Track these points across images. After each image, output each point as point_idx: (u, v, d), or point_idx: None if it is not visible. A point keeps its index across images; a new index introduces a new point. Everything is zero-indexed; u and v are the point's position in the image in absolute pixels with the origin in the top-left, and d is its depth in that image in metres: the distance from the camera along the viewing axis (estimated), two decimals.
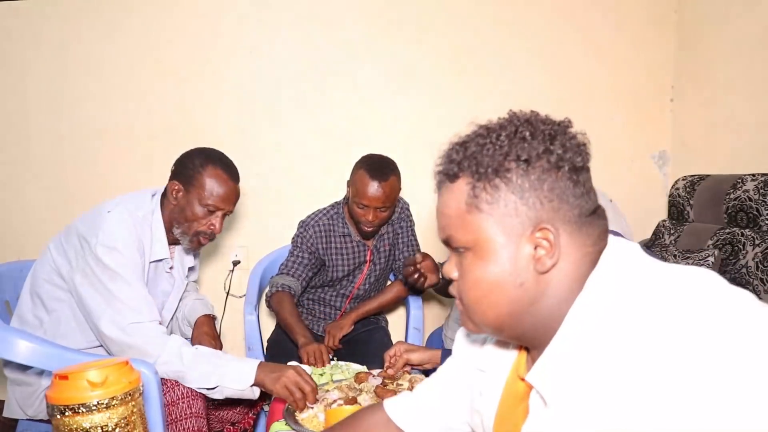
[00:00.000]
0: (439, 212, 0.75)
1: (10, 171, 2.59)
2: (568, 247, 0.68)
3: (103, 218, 1.53)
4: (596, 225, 0.70)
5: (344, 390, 1.47)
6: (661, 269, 0.64)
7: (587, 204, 0.70)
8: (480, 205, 0.70)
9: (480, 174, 0.69)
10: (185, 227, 1.64)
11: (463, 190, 0.71)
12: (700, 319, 0.56)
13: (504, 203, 0.68)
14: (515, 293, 0.70)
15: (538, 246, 0.68)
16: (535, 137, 0.68)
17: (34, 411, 1.59)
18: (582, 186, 0.69)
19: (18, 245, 2.56)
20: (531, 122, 0.70)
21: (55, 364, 1.46)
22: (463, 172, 0.71)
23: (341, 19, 2.53)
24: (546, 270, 0.68)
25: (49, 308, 1.59)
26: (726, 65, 2.24)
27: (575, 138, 0.70)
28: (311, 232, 2.10)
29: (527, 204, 0.68)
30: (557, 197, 0.68)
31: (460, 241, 0.72)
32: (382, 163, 1.97)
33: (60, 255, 1.58)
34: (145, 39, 2.52)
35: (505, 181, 0.68)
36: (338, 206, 2.16)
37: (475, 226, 0.70)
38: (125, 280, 1.49)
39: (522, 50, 2.53)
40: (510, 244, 0.69)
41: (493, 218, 0.69)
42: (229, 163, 1.68)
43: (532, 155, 0.67)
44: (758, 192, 1.79)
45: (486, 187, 0.69)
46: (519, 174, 0.68)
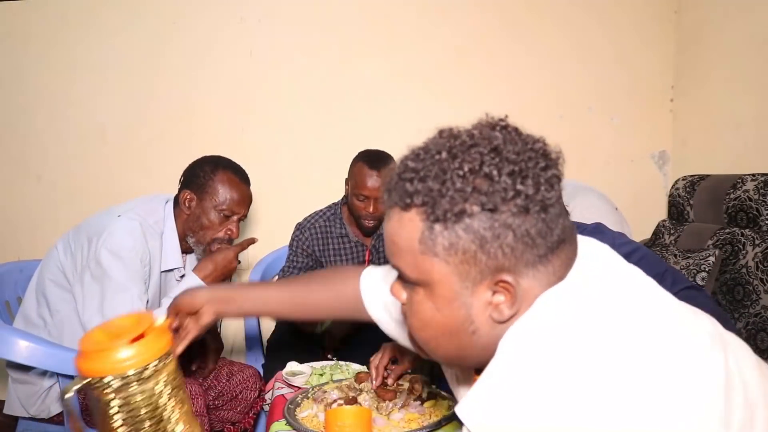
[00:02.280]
0: (388, 239, 0.68)
1: (10, 171, 2.59)
2: (529, 291, 0.62)
3: (112, 222, 1.53)
4: (564, 256, 0.64)
5: (344, 390, 1.47)
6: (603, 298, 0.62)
7: (554, 237, 0.62)
8: (435, 248, 0.62)
9: (437, 216, 0.61)
10: (200, 236, 1.63)
11: (417, 226, 0.63)
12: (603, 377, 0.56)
13: (462, 251, 0.61)
14: (466, 340, 0.65)
15: (496, 293, 0.62)
16: (502, 173, 0.60)
17: (36, 410, 1.59)
18: (551, 221, 0.61)
19: (18, 245, 2.56)
20: (498, 151, 0.61)
21: (55, 364, 1.46)
22: (417, 207, 0.63)
23: (341, 20, 2.53)
24: (504, 320, 0.63)
25: (53, 309, 1.59)
26: (726, 65, 2.24)
27: (548, 167, 0.62)
28: (307, 235, 2.09)
29: (488, 254, 0.60)
30: (522, 243, 0.60)
31: (411, 276, 0.66)
32: (380, 155, 2.00)
33: (67, 255, 1.58)
34: (146, 40, 2.52)
35: (464, 228, 0.60)
36: (336, 207, 2.16)
37: (428, 269, 0.63)
38: (119, 286, 1.48)
39: (522, 50, 2.53)
40: (465, 291, 0.63)
41: (448, 266, 0.62)
42: (239, 167, 1.68)
43: (498, 203, 0.59)
44: (758, 192, 1.79)
45: (443, 231, 0.61)
46: (481, 220, 0.60)
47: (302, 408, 1.42)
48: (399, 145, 2.28)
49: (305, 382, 1.65)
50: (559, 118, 2.48)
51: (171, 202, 1.67)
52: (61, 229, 1.69)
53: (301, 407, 1.43)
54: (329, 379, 1.65)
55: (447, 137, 0.65)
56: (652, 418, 0.54)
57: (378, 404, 1.39)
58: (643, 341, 0.58)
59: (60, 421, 1.58)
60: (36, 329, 1.59)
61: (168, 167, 2.48)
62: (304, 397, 1.49)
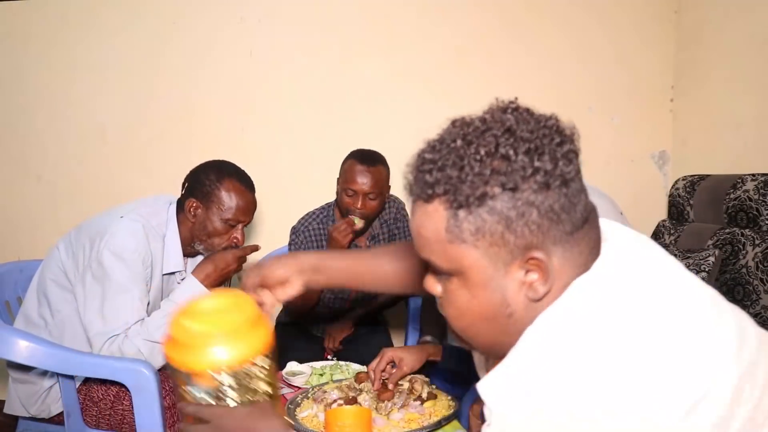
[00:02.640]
0: (415, 233, 0.68)
1: (10, 171, 2.59)
2: (561, 270, 0.63)
3: (115, 222, 1.52)
4: (588, 238, 0.65)
5: (344, 390, 1.47)
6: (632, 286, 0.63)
7: (578, 214, 0.63)
8: (463, 235, 0.63)
9: (460, 203, 0.62)
10: (209, 244, 1.63)
11: (441, 216, 0.64)
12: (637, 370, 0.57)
13: (490, 234, 0.62)
14: (504, 323, 0.66)
15: (529, 271, 0.63)
16: (518, 153, 0.61)
17: (37, 409, 1.59)
18: (573, 197, 0.62)
19: (18, 245, 2.56)
20: (512, 132, 0.62)
21: (55, 364, 1.46)
22: (439, 197, 0.64)
23: (341, 20, 2.53)
24: (539, 298, 0.63)
25: (54, 309, 1.58)
26: (726, 65, 2.24)
27: (563, 142, 0.63)
28: (302, 238, 2.09)
29: (515, 233, 0.61)
30: (547, 219, 0.61)
31: (443, 268, 0.67)
32: (370, 152, 2.01)
33: (68, 256, 1.57)
34: (146, 40, 2.52)
35: (488, 210, 0.61)
36: (329, 208, 2.15)
37: (459, 256, 0.64)
38: (120, 288, 1.47)
39: (522, 50, 2.53)
40: (497, 273, 0.63)
41: (478, 250, 0.63)
42: (244, 174, 1.67)
43: (518, 181, 0.60)
44: (758, 192, 1.79)
45: (468, 217, 0.62)
46: (504, 201, 0.60)
47: (302, 408, 1.42)
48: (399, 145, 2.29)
49: (305, 382, 1.65)
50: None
51: (174, 205, 1.66)
52: (62, 229, 1.69)
53: (301, 407, 1.43)
54: (329, 379, 1.65)
55: (460, 125, 0.66)
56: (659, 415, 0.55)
57: (378, 404, 1.39)
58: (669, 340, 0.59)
59: (60, 421, 1.58)
60: (37, 329, 1.59)
61: (168, 167, 2.49)
62: (304, 397, 1.49)
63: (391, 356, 1.49)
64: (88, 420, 1.58)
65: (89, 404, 1.57)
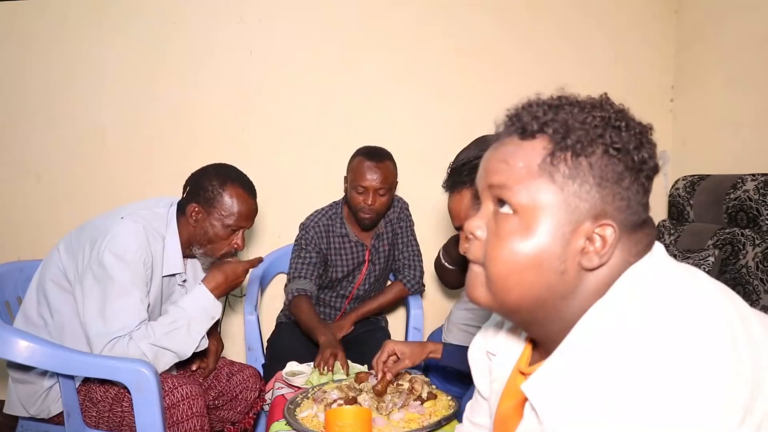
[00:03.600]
0: (498, 160, 0.68)
1: (10, 171, 2.59)
2: (618, 253, 0.64)
3: (116, 224, 1.53)
4: (645, 237, 0.67)
5: (344, 390, 1.47)
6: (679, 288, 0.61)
7: (645, 214, 0.67)
8: (555, 174, 0.64)
9: (566, 144, 0.63)
10: (208, 249, 1.64)
11: (537, 152, 0.65)
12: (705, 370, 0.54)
13: (580, 183, 0.63)
14: (553, 279, 0.64)
15: (591, 240, 0.63)
16: (629, 131, 0.65)
17: (36, 410, 1.59)
18: (646, 194, 0.66)
19: (18, 245, 2.56)
20: (624, 115, 0.67)
21: (55, 364, 1.46)
22: (544, 134, 0.65)
23: (341, 20, 2.53)
24: (592, 268, 0.64)
25: (53, 309, 1.59)
26: (726, 65, 2.24)
27: (654, 147, 0.67)
28: (312, 233, 2.11)
29: (601, 193, 0.63)
30: (627, 198, 0.64)
31: (514, 198, 0.65)
32: (378, 149, 2.04)
33: (69, 257, 1.57)
34: (146, 40, 2.52)
35: (589, 162, 0.63)
36: (337, 206, 2.17)
37: (541, 193, 0.64)
38: (121, 289, 1.47)
39: (522, 50, 2.53)
40: (567, 226, 0.63)
41: (562, 194, 0.63)
42: (246, 179, 1.68)
43: (625, 148, 0.64)
44: (758, 192, 1.78)
45: (567, 159, 0.63)
46: (605, 161, 0.63)
47: (302, 408, 1.42)
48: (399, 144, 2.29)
49: (305, 382, 1.65)
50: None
51: (174, 207, 1.66)
52: (61, 229, 1.69)
53: (301, 407, 1.43)
54: (329, 379, 1.65)
55: (570, 95, 0.71)
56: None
57: (378, 404, 1.39)
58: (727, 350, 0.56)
59: (60, 421, 1.58)
60: (36, 329, 1.59)
61: (168, 167, 2.49)
62: (304, 397, 1.49)
63: (392, 349, 1.50)
64: (88, 420, 1.58)
65: (89, 404, 1.57)
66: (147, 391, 1.42)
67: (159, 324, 1.52)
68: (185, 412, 1.48)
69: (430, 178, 2.11)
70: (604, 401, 0.56)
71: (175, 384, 1.50)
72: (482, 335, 0.91)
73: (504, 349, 0.82)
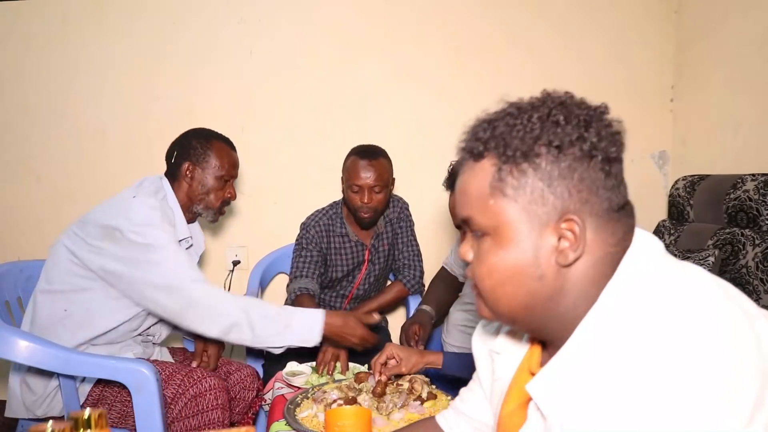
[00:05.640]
0: (460, 191, 0.72)
1: (10, 171, 2.59)
2: (592, 242, 0.65)
3: (130, 204, 1.59)
4: (623, 222, 0.67)
5: (344, 390, 1.47)
6: (680, 285, 0.61)
7: (617, 198, 0.66)
8: (505, 189, 0.66)
9: (507, 157, 0.65)
10: (208, 201, 1.76)
11: (487, 172, 0.67)
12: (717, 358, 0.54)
13: (531, 190, 0.65)
14: (533, 286, 0.66)
15: (562, 237, 0.65)
16: (569, 122, 0.65)
17: (44, 411, 1.60)
18: (613, 178, 0.66)
19: (18, 245, 2.56)
20: (565, 105, 0.67)
21: (55, 364, 1.46)
22: (488, 152, 0.67)
23: (341, 20, 2.53)
24: (568, 263, 0.65)
25: (73, 301, 1.60)
26: (726, 65, 2.24)
27: (611, 126, 0.67)
28: (313, 233, 2.11)
29: (555, 193, 0.64)
30: (587, 188, 0.64)
31: (479, 225, 0.69)
32: (371, 147, 2.05)
33: (81, 249, 1.58)
34: (146, 40, 2.52)
35: (533, 167, 0.64)
36: (336, 206, 2.17)
37: (498, 211, 0.66)
38: (167, 249, 1.54)
39: (521, 50, 2.53)
40: (532, 233, 0.65)
41: (517, 204, 0.65)
42: (225, 136, 1.84)
43: (565, 141, 0.64)
44: (758, 192, 1.78)
45: (513, 171, 0.65)
46: (549, 160, 0.64)
47: (302, 408, 1.42)
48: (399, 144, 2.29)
49: (305, 382, 1.65)
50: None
51: (165, 180, 1.76)
52: (62, 229, 1.69)
53: (301, 407, 1.43)
54: (329, 379, 1.65)
55: (516, 101, 0.71)
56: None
57: (378, 404, 1.39)
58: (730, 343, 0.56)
59: (61, 420, 1.58)
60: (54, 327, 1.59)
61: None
62: (304, 397, 1.49)
63: (391, 352, 1.52)
64: None
65: (91, 404, 1.57)
66: (147, 391, 1.42)
67: (263, 304, 1.60)
68: (211, 402, 1.52)
69: (430, 178, 2.12)
70: (608, 401, 0.56)
71: (202, 375, 1.55)
72: (481, 333, 0.91)
73: (507, 349, 0.83)
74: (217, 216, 1.82)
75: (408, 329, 1.85)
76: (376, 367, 1.50)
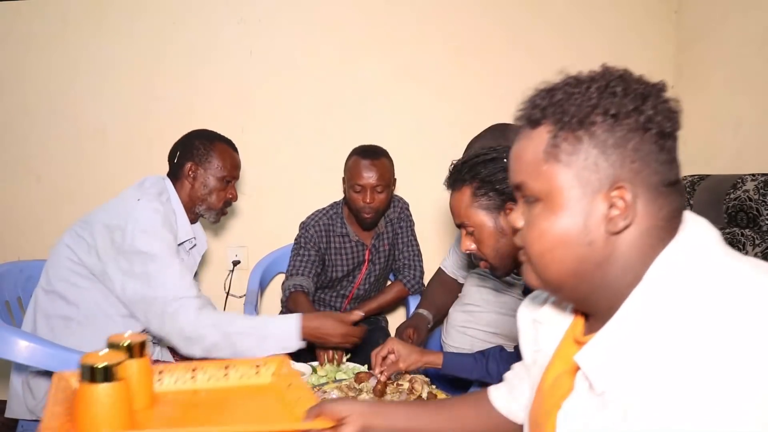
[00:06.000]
0: (514, 157, 0.74)
1: (10, 171, 2.59)
2: (642, 213, 0.66)
3: (133, 206, 1.59)
4: (673, 199, 0.68)
5: (344, 390, 1.47)
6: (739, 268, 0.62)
7: (669, 173, 0.67)
8: (559, 155, 0.67)
9: (564, 123, 0.67)
10: (210, 202, 1.76)
11: (543, 138, 0.69)
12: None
13: (585, 156, 0.66)
14: (582, 251, 0.67)
15: (612, 206, 0.66)
16: (627, 94, 0.66)
17: None
18: (667, 153, 0.67)
19: (18, 245, 2.56)
20: (624, 78, 0.68)
21: (55, 364, 1.46)
22: (546, 119, 0.69)
23: (341, 20, 2.53)
24: (618, 231, 0.66)
25: (75, 304, 1.60)
26: (726, 65, 2.24)
27: (667, 102, 0.67)
28: (312, 232, 2.11)
29: (608, 160, 0.65)
30: (640, 159, 0.65)
31: (532, 190, 0.70)
32: (373, 147, 2.06)
33: (81, 249, 1.59)
34: (146, 40, 2.52)
35: (588, 134, 0.66)
36: (337, 206, 2.17)
37: (551, 177, 0.68)
38: (162, 262, 1.53)
39: (521, 50, 2.53)
40: (584, 199, 0.67)
41: (571, 170, 0.67)
42: (227, 138, 1.85)
43: (621, 111, 0.65)
44: (758, 192, 1.78)
45: (568, 137, 0.67)
46: (604, 129, 0.66)
47: None
48: (399, 144, 2.29)
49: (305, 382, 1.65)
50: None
51: (168, 180, 1.77)
52: (62, 229, 1.69)
53: None
54: (329, 379, 1.65)
55: (573, 74, 0.72)
56: None
57: None
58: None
59: None
60: (58, 329, 1.59)
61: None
62: None
63: (392, 348, 1.51)
64: None
65: None
66: None
67: (238, 318, 1.59)
68: None
69: (430, 177, 2.11)
70: (657, 373, 0.57)
71: None
72: (528, 304, 0.92)
73: (551, 320, 0.84)
74: (218, 217, 1.82)
75: (402, 332, 1.85)
76: (376, 359, 1.49)
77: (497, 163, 1.29)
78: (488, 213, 1.29)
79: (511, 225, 0.76)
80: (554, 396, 0.76)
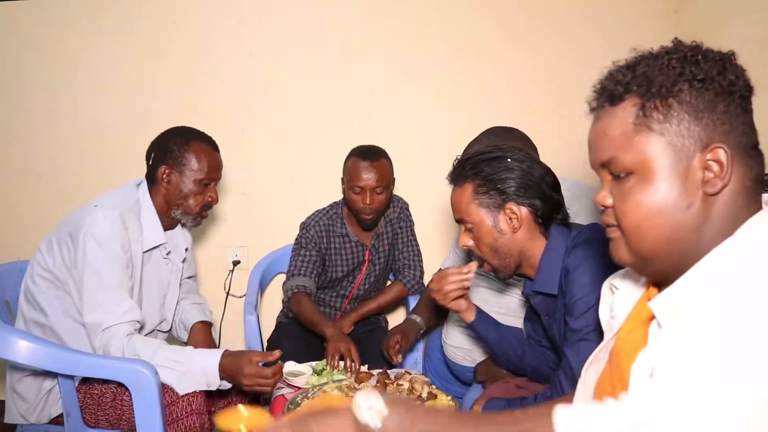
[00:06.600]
0: (597, 136, 0.75)
1: (10, 171, 2.59)
2: (735, 174, 0.68)
3: (90, 213, 1.56)
4: (759, 161, 0.70)
5: (344, 390, 1.48)
6: None
7: (753, 135, 0.70)
8: (651, 124, 0.69)
9: (651, 93, 0.69)
10: (186, 207, 1.68)
11: (629, 111, 0.70)
12: None
13: (677, 122, 0.68)
14: (679, 217, 0.68)
15: (707, 168, 0.67)
16: (708, 61, 0.68)
17: (36, 417, 1.60)
18: (750, 115, 0.69)
19: (18, 245, 2.56)
20: (699, 49, 0.70)
21: (55, 364, 1.46)
22: (629, 93, 0.71)
23: (341, 20, 2.53)
24: (716, 191, 0.67)
25: (43, 310, 1.60)
26: None
27: (741, 68, 0.70)
28: (313, 232, 2.11)
29: (700, 124, 0.67)
30: (728, 121, 0.67)
31: (624, 163, 0.71)
32: (372, 147, 2.05)
33: (52, 255, 1.59)
34: (146, 40, 2.52)
35: (678, 100, 0.68)
36: (337, 206, 2.18)
37: (644, 147, 0.69)
38: (101, 280, 1.49)
39: (521, 51, 2.53)
40: (680, 165, 0.68)
41: (663, 138, 0.68)
42: (207, 135, 1.75)
43: (708, 76, 0.67)
44: None
45: (658, 105, 0.68)
46: (693, 94, 0.67)
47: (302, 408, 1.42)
48: (399, 144, 2.29)
49: (305, 383, 1.65)
50: (559, 118, 2.48)
51: (143, 184, 1.71)
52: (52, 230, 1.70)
53: (301, 407, 1.42)
54: (329, 379, 1.65)
55: (647, 51, 0.74)
56: None
57: None
58: None
59: (60, 421, 1.58)
60: (35, 330, 1.60)
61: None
62: (305, 397, 1.49)
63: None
64: (88, 418, 1.58)
65: (89, 402, 1.57)
66: (147, 391, 1.42)
67: (166, 351, 1.50)
68: (184, 409, 1.48)
69: (430, 177, 2.12)
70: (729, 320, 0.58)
71: None
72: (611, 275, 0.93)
73: (626, 287, 0.85)
74: (197, 221, 1.74)
75: (389, 339, 1.85)
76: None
77: (500, 162, 1.30)
78: (488, 211, 1.30)
79: (599, 205, 0.77)
80: (626, 351, 0.76)
